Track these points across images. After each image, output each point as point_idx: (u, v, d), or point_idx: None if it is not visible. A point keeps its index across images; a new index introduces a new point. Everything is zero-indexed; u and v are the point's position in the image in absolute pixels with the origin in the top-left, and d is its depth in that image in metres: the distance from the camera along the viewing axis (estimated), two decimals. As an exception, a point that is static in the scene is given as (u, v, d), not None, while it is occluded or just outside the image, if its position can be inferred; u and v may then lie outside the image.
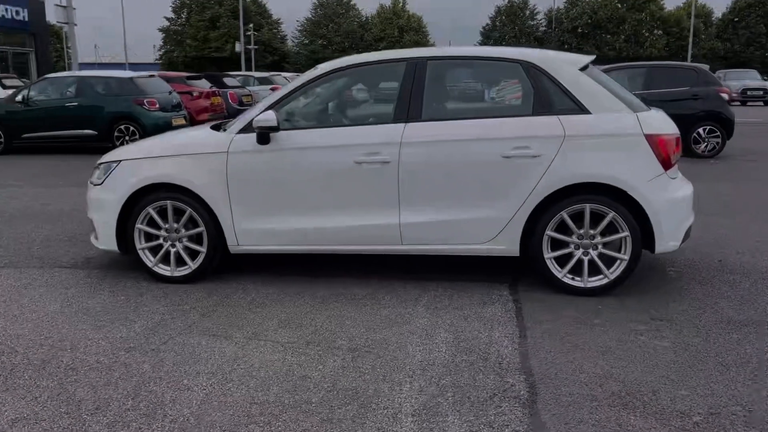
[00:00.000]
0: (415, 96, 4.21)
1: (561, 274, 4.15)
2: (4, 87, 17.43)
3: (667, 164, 4.04)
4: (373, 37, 62.09)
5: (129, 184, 4.43)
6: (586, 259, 4.13)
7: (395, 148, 4.15)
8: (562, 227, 4.12)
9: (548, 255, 4.15)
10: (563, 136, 4.04)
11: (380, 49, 60.81)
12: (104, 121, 12.48)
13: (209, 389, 2.97)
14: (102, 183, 4.55)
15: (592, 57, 4.55)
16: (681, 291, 4.25)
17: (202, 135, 4.57)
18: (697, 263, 4.86)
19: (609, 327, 3.65)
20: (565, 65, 4.17)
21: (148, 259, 4.50)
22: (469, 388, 2.96)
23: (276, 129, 4.19)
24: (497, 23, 61.44)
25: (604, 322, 3.73)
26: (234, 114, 16.95)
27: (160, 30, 65.75)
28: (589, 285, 4.13)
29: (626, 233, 4.03)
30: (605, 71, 12.06)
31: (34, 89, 13.01)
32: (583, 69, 4.20)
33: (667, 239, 4.06)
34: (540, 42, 59.60)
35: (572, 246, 4.13)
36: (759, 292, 4.22)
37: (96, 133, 12.52)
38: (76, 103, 12.60)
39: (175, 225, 4.44)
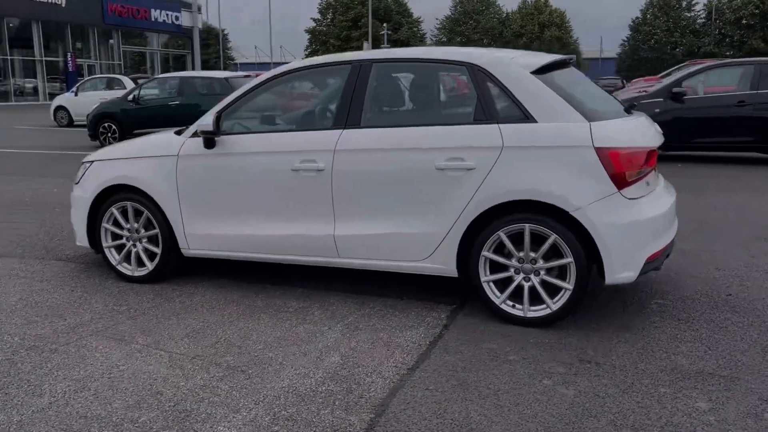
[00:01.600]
0: (355, 101, 3.98)
1: (499, 300, 3.73)
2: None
3: (621, 182, 3.48)
4: (512, 33, 60.63)
5: (96, 184, 4.60)
6: (526, 285, 3.68)
7: (329, 155, 3.94)
8: (501, 248, 3.70)
9: (485, 278, 3.75)
10: (501, 147, 3.62)
11: (519, 46, 59.45)
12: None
13: (58, 397, 2.98)
14: (78, 182, 4.76)
15: (563, 57, 4.04)
16: (646, 329, 3.66)
17: (160, 138, 4.64)
18: (697, 295, 4.18)
19: (521, 366, 3.21)
20: (515, 68, 3.73)
21: (113, 258, 4.65)
22: (303, 423, 2.73)
23: (213, 134, 4.15)
24: (648, 16, 57.47)
25: (522, 359, 3.29)
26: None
27: (307, 31, 68.68)
28: (530, 315, 3.67)
29: (570, 259, 3.54)
30: (707, 69, 10.87)
31: (145, 89, 14.07)
32: (540, 71, 3.73)
33: (618, 269, 3.51)
34: (696, 35, 54.99)
35: (512, 270, 3.70)
36: (742, 337, 3.53)
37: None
38: (177, 102, 13.44)
39: (136, 225, 4.55)
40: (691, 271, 4.71)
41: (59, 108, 20.28)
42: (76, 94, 20.14)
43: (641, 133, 3.74)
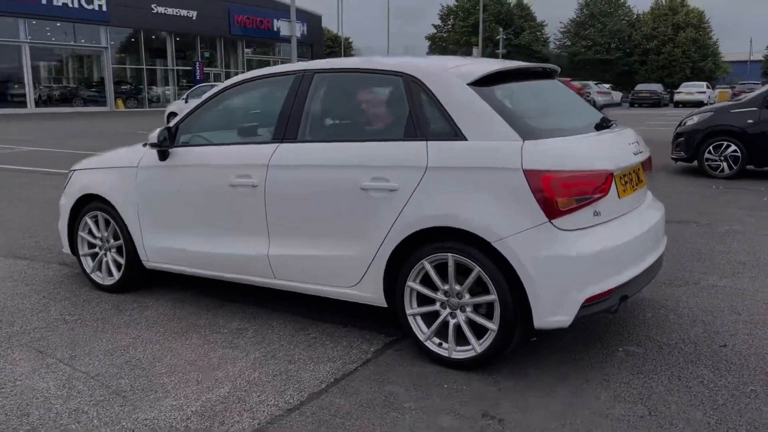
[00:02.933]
0: (294, 113, 3.74)
1: (424, 336, 3.34)
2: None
3: (552, 211, 2.99)
4: (642, 36, 57.29)
5: (72, 193, 4.69)
6: (452, 321, 3.27)
7: (263, 171, 3.74)
8: (428, 279, 3.31)
9: (411, 310, 3.37)
10: (425, 167, 3.24)
11: (650, 50, 55.98)
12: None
13: (-65, 408, 2.99)
14: (63, 190, 4.89)
15: (531, 65, 3.56)
16: (588, 382, 3.12)
17: (128, 149, 4.63)
18: (683, 343, 3.53)
19: (410, 416, 2.82)
20: (450, 79, 3.33)
21: (87, 266, 4.71)
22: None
23: (157, 146, 4.09)
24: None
25: (418, 408, 2.89)
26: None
27: (427, 37, 68.87)
28: (454, 356, 3.26)
29: (494, 296, 3.09)
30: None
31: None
32: (481, 82, 3.30)
33: (548, 311, 3.01)
34: None
35: (438, 304, 3.31)
36: (704, 405, 2.91)
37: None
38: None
39: (106, 235, 4.58)
40: (699, 312, 4.03)
41: (171, 114, 21.61)
42: (186, 101, 21.40)
43: (596, 154, 3.21)
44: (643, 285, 3.47)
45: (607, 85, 41.82)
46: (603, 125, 3.56)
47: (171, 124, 4.20)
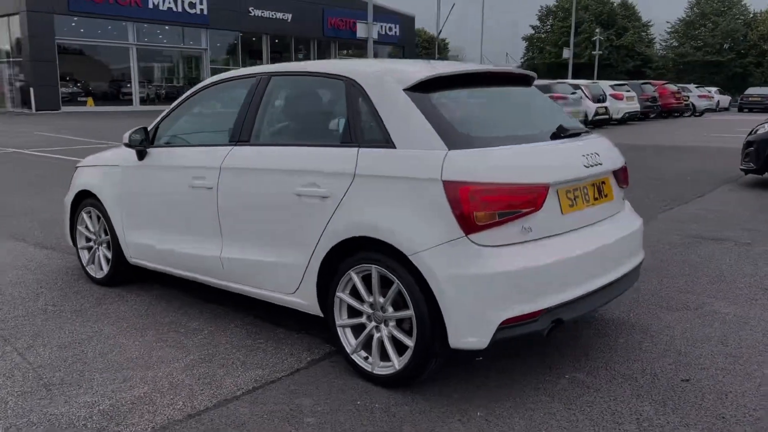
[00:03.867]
0: (249, 116, 3.74)
1: (351, 348, 3.23)
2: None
3: (468, 225, 2.80)
4: (759, 36, 53.41)
5: (73, 189, 4.92)
6: (376, 335, 3.14)
7: (216, 173, 3.76)
8: (357, 290, 3.20)
9: (340, 322, 3.28)
10: (353, 174, 3.13)
11: (766, 50, 51.97)
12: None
13: None
14: (70, 184, 5.13)
15: (465, 68, 3.36)
16: (512, 412, 2.90)
17: (119, 149, 4.77)
18: (640, 374, 3.22)
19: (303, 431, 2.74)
20: (388, 83, 3.19)
21: (84, 259, 4.92)
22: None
23: (128, 146, 4.21)
24: None
25: (314, 425, 2.79)
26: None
27: (524, 38, 67.44)
28: (377, 372, 3.13)
29: (411, 312, 2.94)
30: None
31: None
32: (418, 88, 3.14)
33: (462, 331, 2.83)
34: None
35: (365, 316, 3.19)
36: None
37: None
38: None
39: (98, 229, 4.77)
40: (679, 341, 3.67)
41: None
42: None
43: (531, 165, 2.97)
44: (593, 307, 3.20)
45: (714, 89, 39.28)
46: (561, 135, 3.31)
47: (151, 125, 4.31)
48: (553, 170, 3.02)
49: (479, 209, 2.78)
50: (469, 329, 2.81)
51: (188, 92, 4.28)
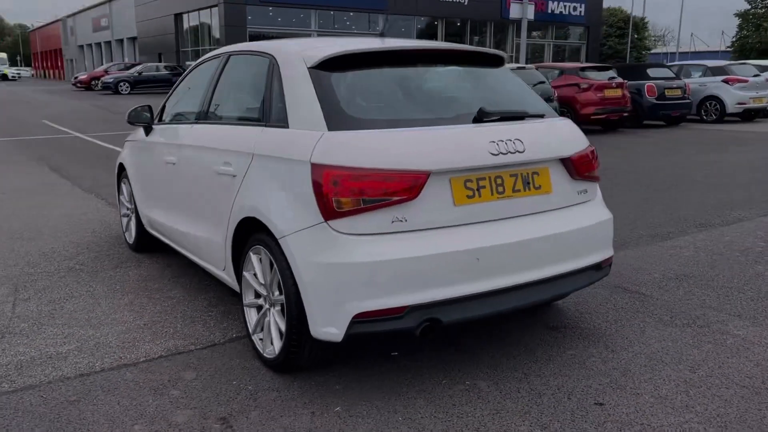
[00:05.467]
0: (207, 95, 3.87)
1: (251, 328, 3.23)
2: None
3: (329, 211, 2.64)
4: None
5: (117, 161, 5.41)
6: (266, 318, 3.11)
7: (177, 150, 3.94)
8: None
9: (245, 301, 3.28)
10: (252, 154, 3.11)
11: None
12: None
13: None
14: (121, 159, 5.65)
15: (356, 48, 3.07)
16: (385, 414, 2.72)
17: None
18: (550, 390, 2.84)
19: (153, 406, 2.79)
20: (296, 62, 3.08)
21: (123, 226, 5.42)
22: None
23: (130, 123, 4.52)
24: None
25: (178, 398, 2.84)
26: (649, 108, 15.35)
27: (737, 15, 60.33)
28: (265, 354, 3.09)
29: (283, 297, 2.87)
30: None
31: None
32: (324, 66, 2.99)
33: (320, 321, 2.69)
34: None
35: (262, 298, 3.16)
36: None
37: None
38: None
39: (128, 199, 5.22)
40: (638, 361, 3.17)
41: None
42: None
43: (416, 150, 2.71)
44: (492, 311, 2.86)
45: None
46: (483, 119, 2.98)
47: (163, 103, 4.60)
48: (441, 157, 2.74)
49: (340, 195, 2.62)
50: (325, 319, 2.68)
51: (187, 71, 4.49)
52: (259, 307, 3.19)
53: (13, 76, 64.01)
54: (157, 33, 40.69)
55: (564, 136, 3.21)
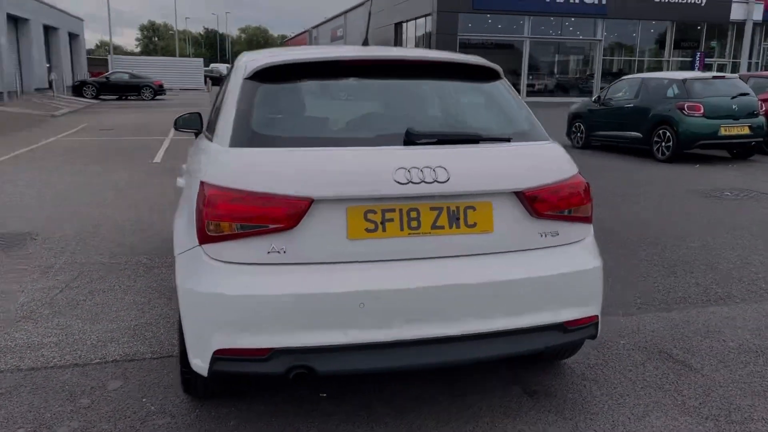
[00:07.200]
0: (215, 105, 3.85)
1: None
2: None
3: (203, 234, 2.41)
4: None
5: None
6: (187, 338, 2.98)
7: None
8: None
9: (187, 318, 3.18)
10: (187, 170, 3.02)
11: None
12: (648, 124, 11.95)
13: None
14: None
15: (288, 59, 2.77)
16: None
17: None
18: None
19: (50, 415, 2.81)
20: (239, 73, 2.87)
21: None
22: None
23: (176, 128, 4.67)
24: None
25: (85, 407, 2.84)
26: None
27: None
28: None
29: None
30: None
31: (611, 89, 13.53)
32: (259, 77, 2.77)
33: (193, 350, 2.48)
34: None
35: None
36: None
37: (641, 136, 12.14)
38: (631, 105, 12.50)
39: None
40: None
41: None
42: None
43: (301, 174, 2.38)
44: (388, 366, 2.42)
45: None
46: (414, 141, 2.55)
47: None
48: (331, 183, 2.38)
49: (215, 218, 2.40)
50: (193, 350, 2.48)
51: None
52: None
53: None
54: (379, 41, 42.76)
55: (532, 166, 2.63)
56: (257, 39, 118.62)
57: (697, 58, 35.78)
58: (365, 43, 3.28)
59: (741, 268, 4.92)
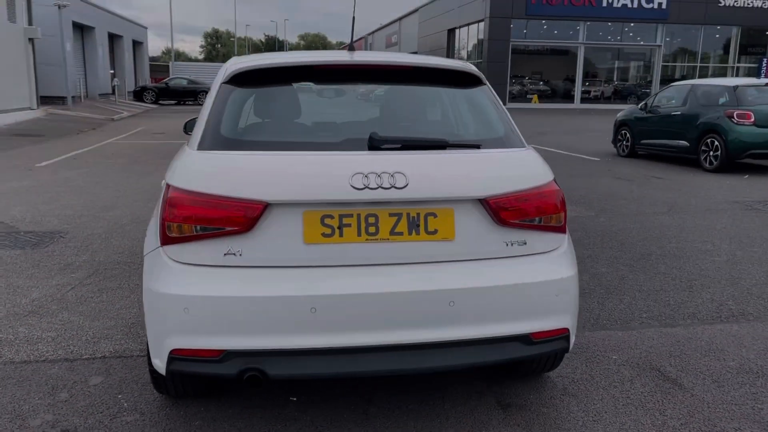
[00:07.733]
0: None
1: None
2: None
3: (163, 235, 2.45)
4: None
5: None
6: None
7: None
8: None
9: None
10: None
11: None
12: (695, 132, 11.52)
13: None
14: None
15: (263, 63, 2.78)
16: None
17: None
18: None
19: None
20: (220, 76, 2.94)
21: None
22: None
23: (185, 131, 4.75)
24: None
25: (63, 400, 2.92)
26: None
27: None
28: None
29: (150, 318, 2.77)
30: None
31: (659, 96, 13.11)
32: (236, 81, 2.80)
33: (153, 350, 2.53)
34: None
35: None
36: None
37: (688, 144, 11.72)
38: (679, 113, 12.08)
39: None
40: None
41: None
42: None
43: (256, 177, 2.40)
44: (345, 372, 2.40)
45: None
46: (377, 146, 2.53)
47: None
48: (287, 187, 2.38)
49: (174, 219, 2.44)
50: (154, 349, 2.53)
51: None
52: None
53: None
54: (432, 47, 42.73)
55: (499, 173, 2.57)
56: (316, 45, 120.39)
57: (764, 65, 34.31)
58: (350, 48, 3.26)
59: (764, 285, 4.67)
